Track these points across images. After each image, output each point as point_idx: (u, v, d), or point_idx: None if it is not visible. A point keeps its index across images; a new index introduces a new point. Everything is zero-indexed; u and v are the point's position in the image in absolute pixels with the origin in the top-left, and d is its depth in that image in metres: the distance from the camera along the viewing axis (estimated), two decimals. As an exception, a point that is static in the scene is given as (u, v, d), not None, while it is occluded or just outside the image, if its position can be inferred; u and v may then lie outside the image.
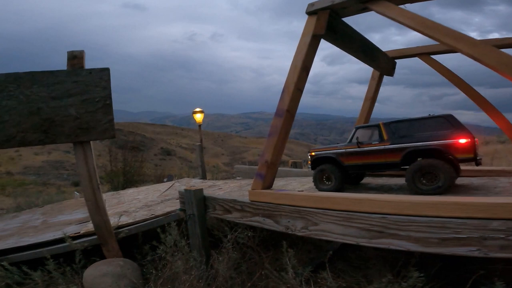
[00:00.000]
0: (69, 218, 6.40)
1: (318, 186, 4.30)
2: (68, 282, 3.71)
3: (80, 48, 3.99)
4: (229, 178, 12.55)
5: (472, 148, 3.31)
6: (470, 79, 4.94)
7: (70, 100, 3.73)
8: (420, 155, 3.56)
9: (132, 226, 4.59)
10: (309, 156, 4.61)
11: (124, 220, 4.81)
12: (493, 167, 4.91)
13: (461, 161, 3.44)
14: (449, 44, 2.42)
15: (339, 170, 4.11)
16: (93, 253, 4.18)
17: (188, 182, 9.13)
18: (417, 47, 4.85)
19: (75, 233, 4.48)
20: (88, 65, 3.91)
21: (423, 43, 4.73)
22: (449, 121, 3.54)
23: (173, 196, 6.99)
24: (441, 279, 2.83)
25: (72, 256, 3.95)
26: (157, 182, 16.21)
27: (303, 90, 3.20)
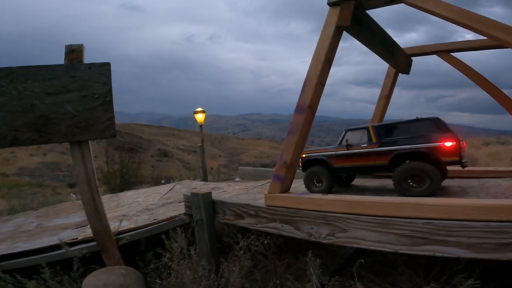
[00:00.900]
0: (65, 222, 6.09)
1: (309, 187, 4.29)
2: (65, 292, 3.45)
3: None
4: (228, 180, 12.28)
5: (457, 151, 3.35)
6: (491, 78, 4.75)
7: (67, 96, 3.43)
8: (408, 157, 3.58)
9: (133, 232, 4.29)
10: (301, 159, 4.55)
11: (125, 225, 4.52)
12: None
13: (447, 164, 3.50)
14: (497, 37, 2.19)
15: (329, 172, 4.14)
16: (92, 260, 3.89)
17: (189, 184, 8.84)
18: (436, 44, 4.68)
19: (72, 239, 4.18)
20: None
21: (417, 44, 4.50)
22: (435, 124, 3.59)
23: (174, 199, 6.71)
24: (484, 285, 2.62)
25: (70, 264, 3.67)
26: (154, 184, 15.92)
27: (325, 85, 2.96)
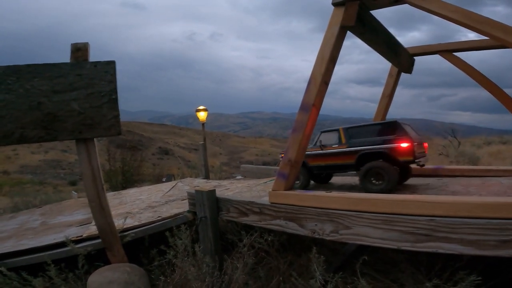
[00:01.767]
0: (69, 219, 6.13)
1: None
2: (71, 289, 3.47)
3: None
4: (229, 178, 12.30)
5: (411, 152, 3.70)
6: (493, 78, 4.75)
7: (73, 94, 3.45)
8: (371, 157, 3.91)
9: (138, 229, 4.33)
10: (280, 158, 4.92)
11: (129, 222, 4.56)
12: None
13: (403, 163, 3.83)
14: (500, 38, 2.21)
15: (305, 170, 4.52)
16: (97, 257, 3.92)
17: (192, 182, 8.87)
18: (439, 44, 4.70)
19: (77, 237, 4.22)
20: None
21: (419, 43, 4.50)
22: (394, 127, 3.93)
23: (177, 197, 6.74)
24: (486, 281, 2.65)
25: (75, 261, 3.69)
26: (155, 182, 15.98)
27: (329, 84, 2.98)
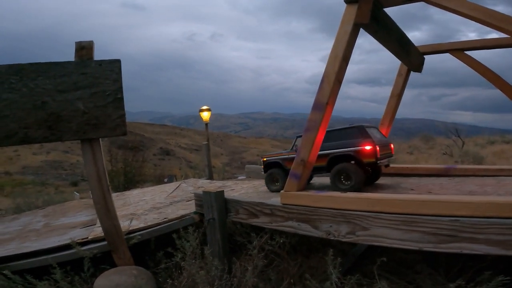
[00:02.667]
0: (72, 221, 6.05)
1: (269, 187, 4.92)
2: (77, 293, 3.39)
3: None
4: (231, 178, 12.21)
5: (373, 154, 3.97)
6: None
7: (78, 93, 3.37)
8: (339, 159, 4.16)
9: (144, 231, 4.24)
10: (261, 162, 5.20)
11: (135, 224, 4.47)
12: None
13: (366, 164, 4.04)
14: None
15: (284, 173, 4.64)
16: (102, 260, 3.83)
17: (195, 182, 8.78)
18: (450, 43, 4.60)
19: (82, 239, 4.13)
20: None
21: (420, 42, 4.37)
22: (359, 131, 4.20)
23: (181, 198, 6.66)
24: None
25: (80, 264, 3.60)
26: (157, 183, 15.91)
27: (341, 82, 2.89)
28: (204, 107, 9.63)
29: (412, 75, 4.97)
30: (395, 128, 5.24)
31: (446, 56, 4.72)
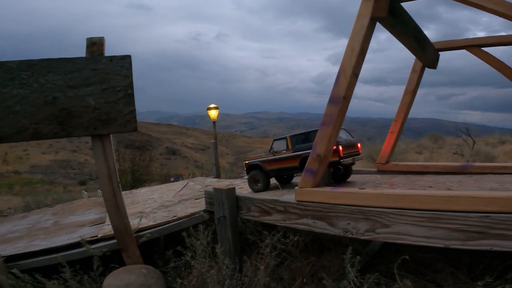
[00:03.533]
0: (81, 219, 6.04)
1: (252, 187, 5.25)
2: (86, 292, 3.34)
3: (85, 48, 3.59)
4: (237, 177, 12.14)
5: (337, 153, 4.31)
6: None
7: (88, 89, 3.34)
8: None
9: (153, 229, 4.20)
10: (244, 164, 5.60)
11: (144, 222, 4.43)
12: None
13: (331, 163, 4.28)
14: None
15: (263, 174, 5.13)
16: (111, 258, 3.79)
17: (203, 181, 8.74)
18: (466, 39, 4.47)
19: (92, 237, 4.10)
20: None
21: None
22: None
23: (189, 196, 6.62)
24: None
25: (89, 262, 3.55)
26: (163, 182, 15.93)
27: (358, 76, 2.81)
28: (212, 105, 9.57)
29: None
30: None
31: (454, 54, 4.61)
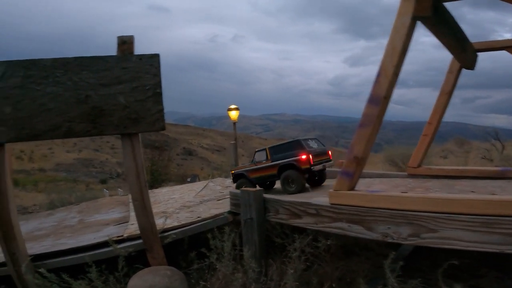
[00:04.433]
0: (105, 218, 6.12)
1: None
2: (111, 293, 3.29)
3: (107, 49, 3.64)
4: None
5: (308, 161, 4.92)
6: None
7: (119, 87, 3.34)
8: (285, 168, 5.13)
9: (178, 230, 4.15)
10: (231, 174, 6.16)
11: (168, 222, 4.39)
12: None
13: (304, 170, 4.98)
14: None
15: (248, 182, 5.62)
16: (135, 259, 3.74)
17: (223, 182, 8.71)
18: (507, 40, 4.22)
19: (117, 236, 4.10)
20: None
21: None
22: (298, 144, 5.19)
23: (210, 197, 6.58)
24: None
25: (113, 262, 3.49)
26: (181, 182, 16.06)
27: (398, 76, 2.67)
28: (232, 106, 9.53)
29: (441, 77, 4.69)
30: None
31: (480, 56, 4.37)
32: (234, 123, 9.57)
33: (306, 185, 5.48)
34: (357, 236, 2.71)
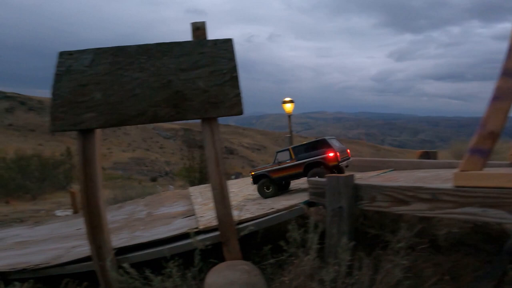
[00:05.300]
0: (171, 211, 6.21)
1: (262, 193, 5.74)
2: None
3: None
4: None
5: (336, 158, 5.20)
6: None
7: (198, 72, 3.28)
8: (312, 166, 5.32)
9: (253, 222, 3.96)
10: (251, 175, 6.19)
11: (237, 214, 4.20)
12: None
13: (332, 167, 5.20)
14: None
15: (271, 181, 5.73)
16: (208, 252, 3.51)
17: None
18: None
19: (192, 229, 4.01)
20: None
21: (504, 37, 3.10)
22: (324, 142, 5.45)
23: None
24: None
25: (188, 256, 3.33)
26: (226, 179, 16.17)
27: None
28: (287, 99, 9.25)
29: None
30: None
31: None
32: (289, 116, 9.28)
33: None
34: (493, 221, 2.43)
